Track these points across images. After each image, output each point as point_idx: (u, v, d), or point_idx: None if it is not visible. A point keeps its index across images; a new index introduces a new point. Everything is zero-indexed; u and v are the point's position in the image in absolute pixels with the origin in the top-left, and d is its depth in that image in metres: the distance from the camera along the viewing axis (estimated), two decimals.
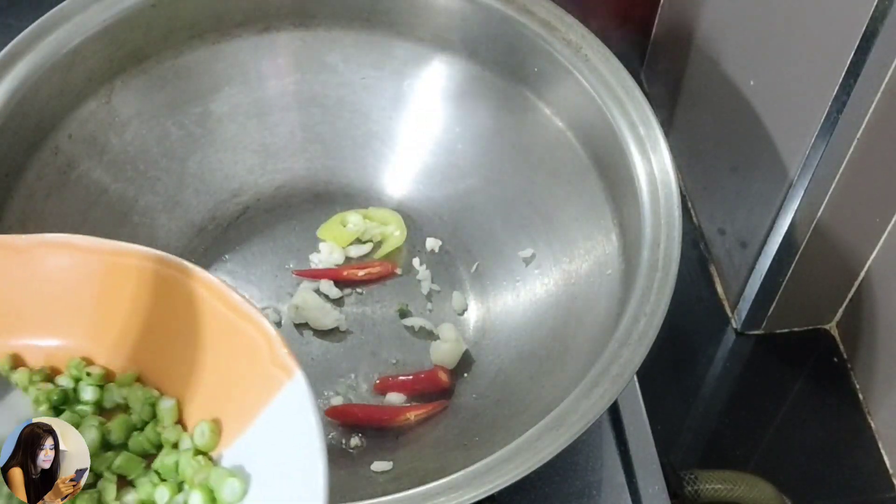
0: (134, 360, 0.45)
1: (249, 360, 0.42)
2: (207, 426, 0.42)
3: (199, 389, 0.44)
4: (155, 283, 0.44)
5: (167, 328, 0.44)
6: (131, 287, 0.44)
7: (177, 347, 0.44)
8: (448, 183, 0.73)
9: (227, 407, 0.43)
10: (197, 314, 0.43)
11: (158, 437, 0.44)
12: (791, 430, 0.77)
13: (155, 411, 0.44)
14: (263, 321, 0.41)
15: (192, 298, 0.43)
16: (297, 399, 0.40)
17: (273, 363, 0.41)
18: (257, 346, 0.41)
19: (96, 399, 0.45)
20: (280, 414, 0.40)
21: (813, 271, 0.74)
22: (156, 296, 0.44)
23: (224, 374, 0.43)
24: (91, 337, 0.45)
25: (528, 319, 0.67)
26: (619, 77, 0.65)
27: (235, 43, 0.70)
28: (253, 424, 0.41)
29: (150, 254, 0.44)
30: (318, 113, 0.73)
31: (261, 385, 0.41)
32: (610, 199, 0.64)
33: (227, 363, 0.43)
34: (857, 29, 0.59)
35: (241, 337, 0.42)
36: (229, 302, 0.42)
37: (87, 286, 0.45)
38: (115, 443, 0.44)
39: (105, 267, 0.45)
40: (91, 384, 0.45)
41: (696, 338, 0.81)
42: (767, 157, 0.71)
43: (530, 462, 0.51)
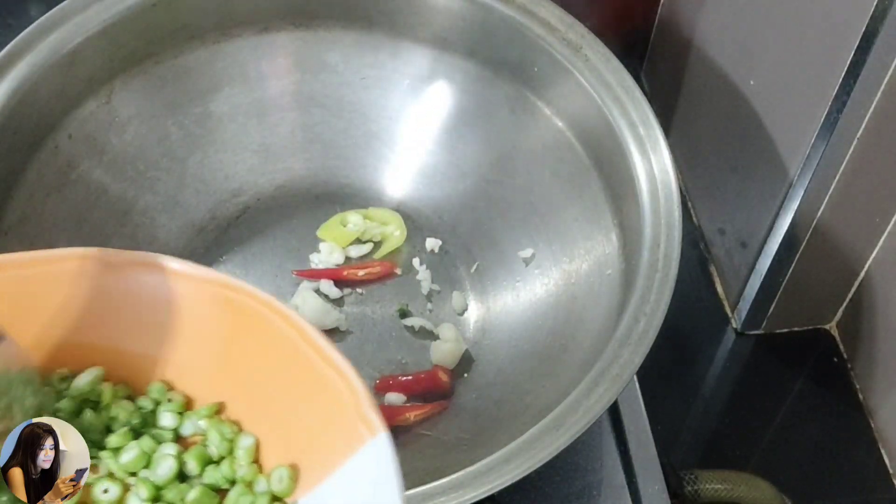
0: (215, 391, 0.44)
1: (333, 410, 0.40)
2: (286, 472, 0.41)
3: (278, 431, 0.43)
4: (244, 317, 0.43)
5: (252, 364, 0.43)
6: (219, 317, 0.43)
7: (260, 385, 0.43)
8: (448, 183, 0.73)
9: (306, 454, 0.41)
10: (284, 355, 0.42)
11: (233, 474, 0.42)
12: (791, 430, 0.77)
13: (232, 447, 0.43)
14: (351, 373, 0.40)
15: (280, 338, 0.42)
16: (380, 458, 0.38)
17: (358, 417, 0.39)
18: (343, 397, 0.40)
19: (174, 426, 0.44)
20: (361, 471, 0.39)
21: (813, 271, 0.74)
22: (243, 329, 0.43)
23: (305, 421, 0.42)
24: (174, 362, 0.44)
25: (528, 319, 0.67)
26: (619, 77, 0.65)
27: (235, 43, 0.70)
28: (331, 477, 0.40)
29: (240, 286, 0.43)
30: (318, 113, 0.74)
31: (343, 438, 0.40)
32: (610, 199, 0.64)
33: (310, 410, 0.42)
34: (857, 29, 0.59)
35: (326, 385, 0.41)
36: (318, 348, 0.41)
37: (176, 311, 0.44)
38: (190, 474, 0.43)
39: (195, 294, 0.44)
40: (171, 411, 0.44)
41: (696, 338, 0.81)
42: (767, 157, 0.71)
43: (530, 462, 0.51)
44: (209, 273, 0.44)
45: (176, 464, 0.43)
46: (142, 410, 0.44)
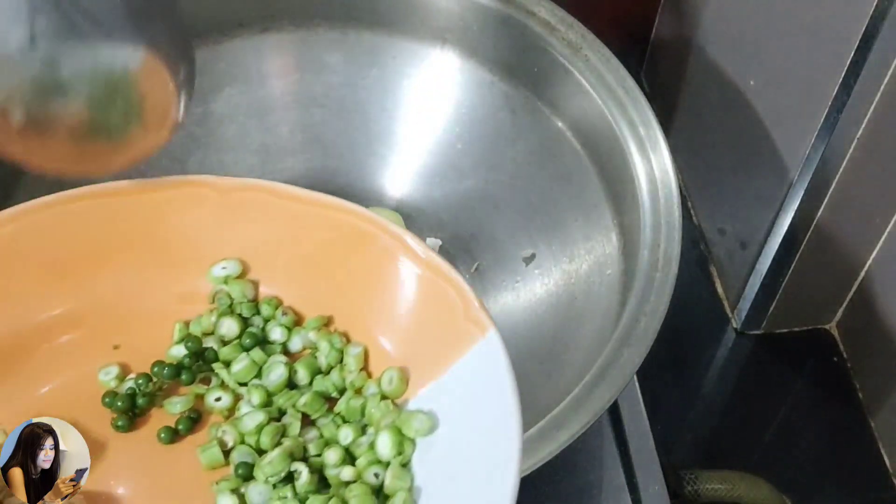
0: (324, 305, 0.46)
1: (441, 313, 0.42)
2: (396, 373, 0.42)
3: (387, 337, 0.44)
4: (348, 234, 0.45)
5: (358, 278, 0.45)
6: (325, 235, 0.45)
7: (367, 296, 0.45)
8: (448, 183, 0.73)
9: (416, 357, 0.43)
10: (388, 266, 0.44)
11: (343, 382, 0.44)
12: (791, 430, 0.77)
13: (342, 357, 0.44)
14: (457, 276, 0.42)
15: (384, 251, 0.44)
16: (491, 355, 0.39)
17: (466, 318, 0.40)
18: (450, 300, 0.41)
19: (284, 340, 0.45)
20: (472, 369, 0.40)
21: (813, 271, 0.74)
22: (348, 246, 0.45)
23: (414, 325, 0.43)
24: (283, 280, 0.46)
25: (528, 319, 0.67)
26: (619, 77, 0.65)
27: (236, 43, 0.70)
28: (443, 376, 0.41)
29: (343, 205, 0.45)
30: (318, 113, 0.73)
31: (453, 339, 0.41)
32: (610, 199, 0.64)
33: (418, 315, 0.43)
34: (857, 29, 0.59)
35: (433, 290, 0.42)
36: (421, 257, 0.43)
37: (284, 232, 0.46)
38: (300, 383, 0.44)
39: (302, 215, 0.45)
40: (281, 325, 0.45)
41: (696, 338, 0.81)
42: (767, 157, 0.71)
43: (530, 462, 0.51)
44: (314, 196, 0.46)
45: (286, 371, 0.44)
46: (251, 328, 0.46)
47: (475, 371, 0.40)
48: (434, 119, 0.73)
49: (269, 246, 0.46)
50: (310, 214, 0.45)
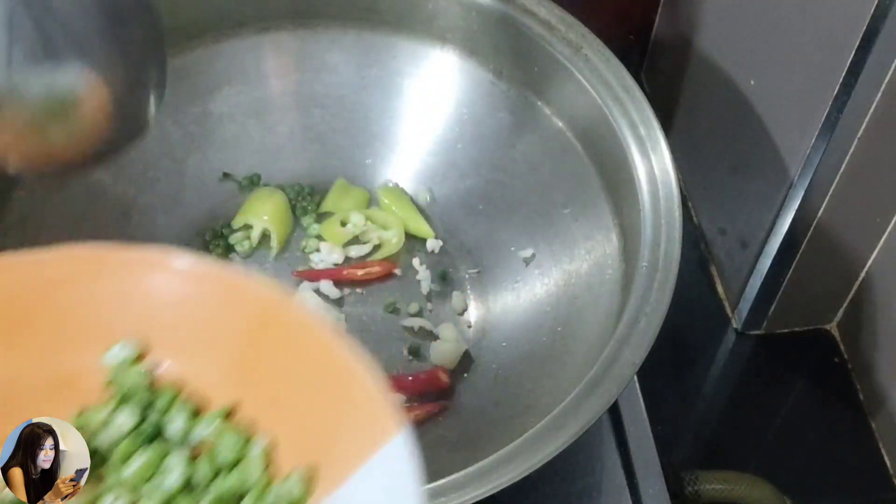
0: (230, 390, 0.43)
1: (353, 407, 0.40)
2: (302, 476, 0.40)
3: (296, 431, 0.42)
4: (258, 313, 0.42)
5: (268, 362, 0.43)
6: (232, 313, 0.43)
7: (276, 383, 0.42)
8: (448, 183, 0.73)
9: (325, 454, 0.41)
10: (301, 352, 0.42)
11: (245, 485, 0.41)
12: (791, 430, 0.77)
13: (245, 451, 0.42)
14: (370, 370, 0.40)
15: (296, 335, 0.42)
16: (400, 456, 0.38)
17: (378, 414, 0.39)
18: (362, 394, 0.40)
19: (185, 431, 0.42)
20: (381, 470, 0.38)
21: (813, 271, 0.74)
22: (258, 326, 0.42)
23: (324, 419, 0.41)
24: (186, 361, 0.44)
25: (528, 319, 0.67)
26: (619, 77, 0.65)
27: (235, 43, 0.71)
28: (353, 476, 0.39)
29: (253, 282, 0.43)
30: (318, 113, 0.73)
31: (364, 436, 0.39)
32: (610, 199, 0.64)
33: (329, 408, 0.41)
34: (857, 29, 0.59)
35: (345, 382, 0.40)
36: (335, 345, 0.41)
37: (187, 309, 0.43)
38: (200, 483, 0.42)
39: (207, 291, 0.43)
40: (182, 412, 0.43)
41: (696, 338, 0.81)
42: (767, 157, 0.71)
43: (530, 462, 0.51)
44: (221, 269, 0.43)
45: (186, 471, 0.41)
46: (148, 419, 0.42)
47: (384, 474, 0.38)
48: (434, 119, 0.73)
49: (171, 322, 0.43)
50: (212, 289, 0.43)
